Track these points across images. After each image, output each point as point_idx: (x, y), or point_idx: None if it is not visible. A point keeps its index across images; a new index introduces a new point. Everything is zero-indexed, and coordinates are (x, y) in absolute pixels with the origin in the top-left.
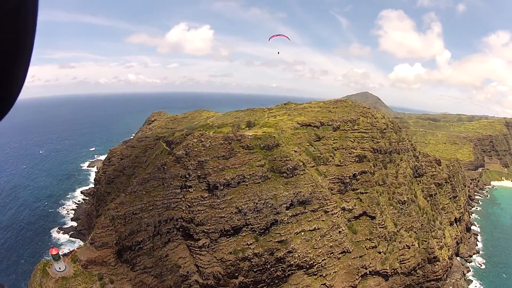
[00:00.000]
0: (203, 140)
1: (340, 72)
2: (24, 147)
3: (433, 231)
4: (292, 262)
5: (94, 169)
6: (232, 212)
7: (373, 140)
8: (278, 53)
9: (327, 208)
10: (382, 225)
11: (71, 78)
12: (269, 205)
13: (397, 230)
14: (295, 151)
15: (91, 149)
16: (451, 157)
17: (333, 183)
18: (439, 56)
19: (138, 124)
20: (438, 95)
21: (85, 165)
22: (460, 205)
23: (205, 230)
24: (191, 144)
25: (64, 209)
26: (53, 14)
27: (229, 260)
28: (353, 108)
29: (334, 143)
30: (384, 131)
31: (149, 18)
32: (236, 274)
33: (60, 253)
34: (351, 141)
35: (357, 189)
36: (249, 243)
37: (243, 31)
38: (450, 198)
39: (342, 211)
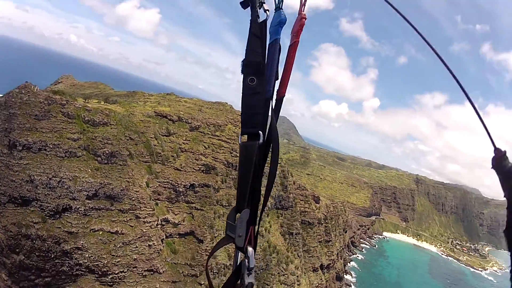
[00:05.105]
0: (23, 92)
1: None
2: None
3: (283, 275)
4: (81, 262)
5: None
6: (23, 180)
7: (231, 153)
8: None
9: (140, 214)
10: (209, 252)
11: (21, 22)
12: (65, 186)
13: (230, 264)
14: (131, 138)
15: None
16: (343, 198)
17: (164, 187)
18: (367, 102)
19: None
20: (356, 139)
21: None
22: (333, 251)
23: None
24: (12, 94)
25: None
26: None
27: (11, 231)
28: (227, 114)
29: (184, 143)
30: None
31: None
32: (17, 250)
33: None
34: (205, 147)
35: (192, 203)
36: (34, 221)
37: (188, 25)
38: (320, 242)
39: (163, 223)
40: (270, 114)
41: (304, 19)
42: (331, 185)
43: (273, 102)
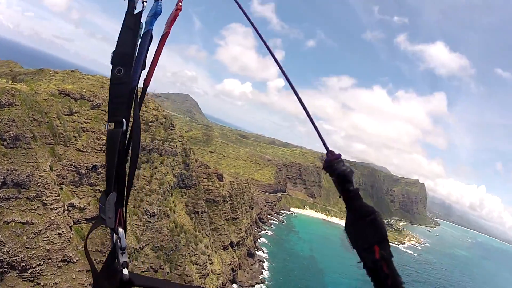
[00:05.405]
0: None
1: (172, 68)
2: None
3: (194, 255)
4: (2, 258)
5: None
6: None
7: None
8: None
9: (46, 200)
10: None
11: None
12: None
13: (139, 247)
14: (34, 119)
15: None
16: (248, 175)
17: (67, 170)
18: (271, 82)
19: None
20: (260, 117)
21: None
22: (241, 228)
23: None
24: None
25: None
26: None
27: None
28: None
29: (85, 122)
30: (151, 124)
31: None
32: None
33: None
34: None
35: (95, 185)
36: None
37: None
38: (227, 219)
39: (70, 208)
40: (134, 103)
41: (179, 11)
42: (234, 163)
43: (138, 92)
